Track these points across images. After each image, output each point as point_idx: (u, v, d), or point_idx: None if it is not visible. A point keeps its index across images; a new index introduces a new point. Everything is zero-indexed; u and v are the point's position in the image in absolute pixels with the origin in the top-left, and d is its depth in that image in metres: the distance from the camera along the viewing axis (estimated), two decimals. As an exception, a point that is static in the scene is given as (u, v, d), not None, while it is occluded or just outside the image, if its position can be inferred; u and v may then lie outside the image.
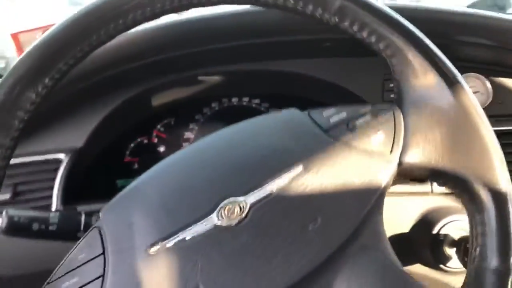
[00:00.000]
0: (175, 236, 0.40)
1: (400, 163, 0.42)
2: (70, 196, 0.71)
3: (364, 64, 0.73)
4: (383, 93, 0.74)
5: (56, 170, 0.71)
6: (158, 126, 0.87)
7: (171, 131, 0.87)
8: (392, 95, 0.72)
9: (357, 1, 0.43)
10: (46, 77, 0.42)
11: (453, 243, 0.64)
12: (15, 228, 0.52)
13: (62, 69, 0.42)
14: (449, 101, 0.42)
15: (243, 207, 0.40)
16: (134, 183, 0.46)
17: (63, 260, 0.43)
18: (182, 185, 0.43)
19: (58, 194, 0.70)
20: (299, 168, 0.42)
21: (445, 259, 0.65)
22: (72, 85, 0.67)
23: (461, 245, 0.62)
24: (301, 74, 0.77)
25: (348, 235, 0.39)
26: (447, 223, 0.65)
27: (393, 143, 0.42)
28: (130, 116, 0.81)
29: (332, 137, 0.43)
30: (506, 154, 0.41)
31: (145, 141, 0.87)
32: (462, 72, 0.70)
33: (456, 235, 0.64)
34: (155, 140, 0.87)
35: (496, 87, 0.72)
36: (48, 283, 0.42)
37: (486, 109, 0.71)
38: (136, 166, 0.87)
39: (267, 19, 0.68)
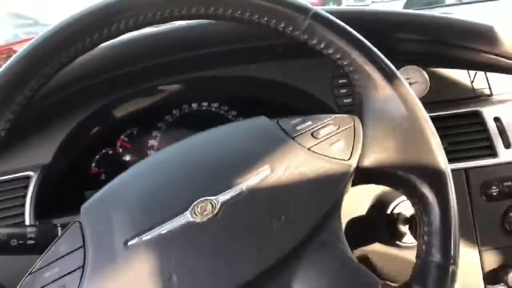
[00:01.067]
0: (152, 231, 0.43)
1: (357, 168, 0.47)
2: (41, 211, 0.72)
3: (314, 64, 0.78)
4: (333, 90, 0.79)
5: (26, 187, 0.72)
6: (122, 137, 0.89)
7: (135, 140, 0.90)
8: (342, 90, 0.79)
9: (323, 21, 0.48)
10: (33, 80, 0.45)
11: (406, 221, 0.71)
12: None
13: (48, 73, 0.45)
14: (403, 113, 0.47)
15: (215, 205, 0.44)
16: (113, 182, 0.50)
17: (45, 252, 0.45)
18: (158, 185, 0.47)
19: (30, 210, 0.71)
20: (267, 170, 0.46)
21: (400, 235, 0.71)
22: (37, 102, 0.69)
23: (413, 222, 0.69)
24: (256, 77, 0.81)
25: (309, 232, 0.43)
26: (399, 203, 0.72)
27: (352, 150, 0.47)
28: (94, 129, 0.83)
29: (297, 143, 0.48)
30: (441, 137, 0.47)
31: (110, 151, 0.89)
32: (401, 65, 0.78)
33: (408, 213, 0.71)
34: (120, 150, 0.89)
35: (433, 77, 0.79)
36: (31, 273, 0.44)
37: (424, 97, 0.79)
38: (103, 177, 0.89)
39: (220, 29, 0.72)
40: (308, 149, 0.47)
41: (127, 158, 0.89)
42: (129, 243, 0.43)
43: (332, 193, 0.45)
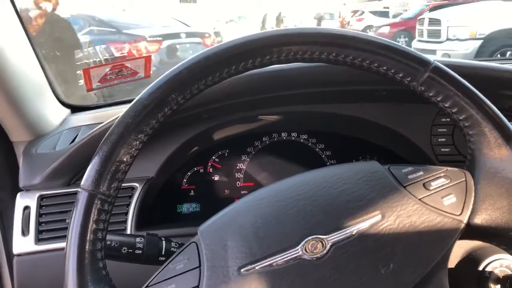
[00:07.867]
0: (264, 261, 0.46)
1: (467, 224, 0.47)
2: (139, 220, 0.77)
3: (415, 110, 0.79)
4: (431, 138, 0.80)
5: (130, 197, 0.77)
6: (214, 157, 0.93)
7: (225, 162, 0.94)
8: (440, 139, 0.79)
9: (443, 75, 0.49)
10: (166, 107, 0.48)
11: (498, 280, 0.69)
12: (108, 251, 0.57)
13: (179, 102, 0.49)
14: None
15: (325, 244, 0.46)
16: (230, 208, 0.52)
17: (161, 268, 0.48)
18: (273, 217, 0.49)
19: (132, 219, 0.76)
20: (377, 216, 0.47)
21: (490, 295, 0.70)
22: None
23: (506, 282, 0.68)
24: (354, 116, 0.83)
25: (415, 284, 0.44)
26: (492, 261, 0.71)
27: (463, 205, 0.48)
28: (193, 148, 0.87)
29: (409, 192, 0.49)
30: None
31: (201, 170, 0.93)
32: (506, 121, 0.77)
33: (501, 273, 0.69)
34: (210, 170, 0.93)
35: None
36: (148, 286, 0.47)
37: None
38: (192, 193, 0.93)
39: (326, 71, 0.74)
40: (419, 199, 0.48)
41: (216, 177, 0.93)
42: (242, 270, 0.45)
43: (442, 247, 0.46)
